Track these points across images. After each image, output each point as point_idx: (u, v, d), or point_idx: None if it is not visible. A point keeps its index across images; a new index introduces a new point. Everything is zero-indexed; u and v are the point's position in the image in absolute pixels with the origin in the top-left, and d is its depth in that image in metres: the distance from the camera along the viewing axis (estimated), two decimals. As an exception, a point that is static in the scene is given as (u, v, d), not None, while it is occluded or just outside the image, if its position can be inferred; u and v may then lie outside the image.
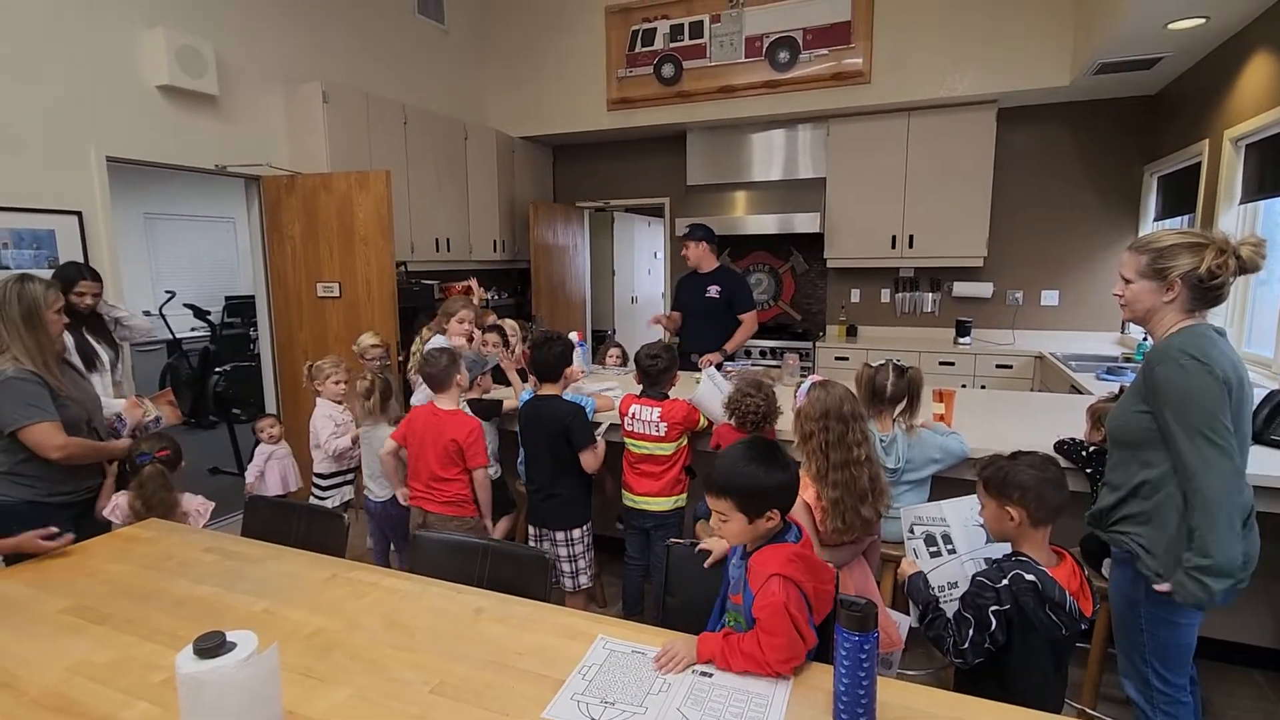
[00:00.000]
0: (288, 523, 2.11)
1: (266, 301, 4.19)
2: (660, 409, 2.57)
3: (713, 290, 3.92)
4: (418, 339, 3.47)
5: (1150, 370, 1.60)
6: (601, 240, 6.83)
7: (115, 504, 2.25)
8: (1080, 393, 3.43)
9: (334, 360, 3.11)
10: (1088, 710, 2.15)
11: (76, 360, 2.58)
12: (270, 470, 3.12)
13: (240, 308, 6.80)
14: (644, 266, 7.47)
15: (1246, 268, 1.56)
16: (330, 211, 3.94)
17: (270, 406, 4.29)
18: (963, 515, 1.86)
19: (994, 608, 1.46)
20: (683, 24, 5.16)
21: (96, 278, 2.87)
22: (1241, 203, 3.43)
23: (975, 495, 1.69)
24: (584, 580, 2.62)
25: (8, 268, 2.89)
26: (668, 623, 1.60)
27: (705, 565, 1.62)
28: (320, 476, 3.04)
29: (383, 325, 3.84)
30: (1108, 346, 4.64)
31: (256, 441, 3.22)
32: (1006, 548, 1.58)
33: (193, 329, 6.63)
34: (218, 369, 5.55)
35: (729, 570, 1.49)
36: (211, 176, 3.85)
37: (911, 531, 1.91)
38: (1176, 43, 3.55)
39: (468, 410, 2.68)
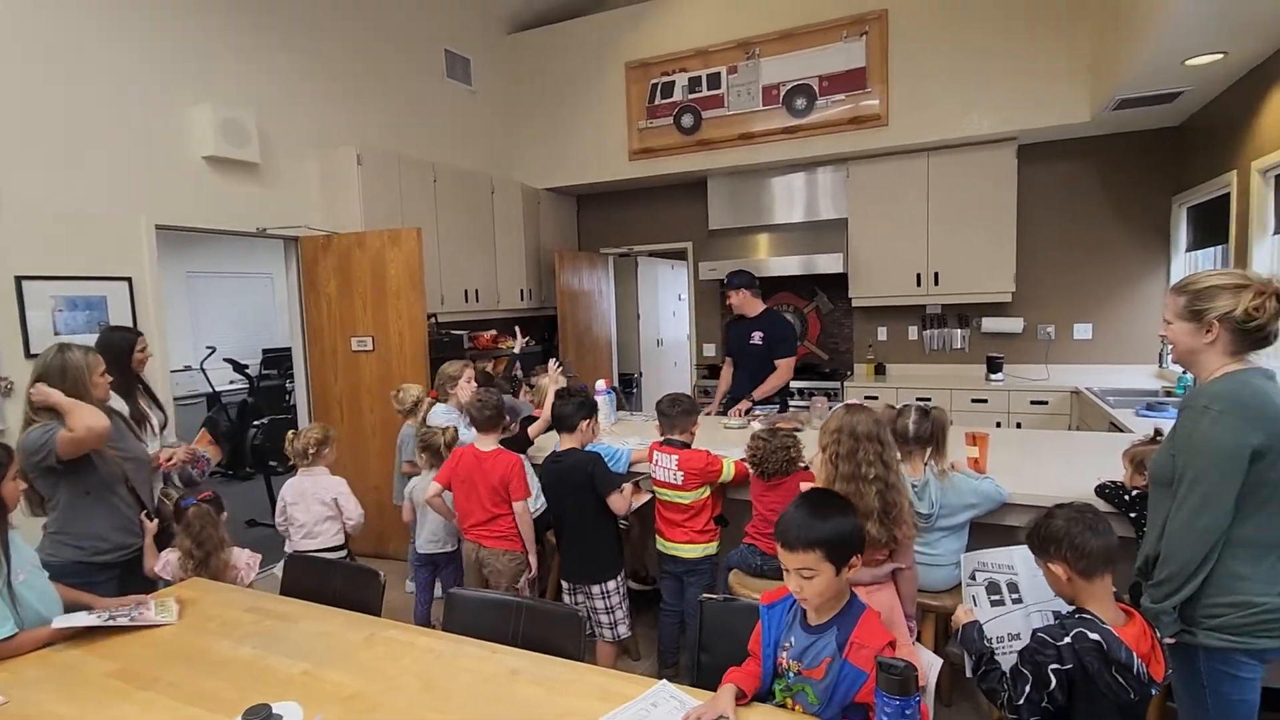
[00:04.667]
0: (326, 579, 2.14)
1: (303, 356, 4.32)
2: (678, 457, 2.57)
3: (756, 337, 3.92)
4: (413, 416, 3.38)
5: (1180, 413, 1.60)
6: (626, 285, 6.92)
7: (165, 560, 2.30)
8: (1120, 429, 3.35)
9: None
10: (1148, 770, 2.04)
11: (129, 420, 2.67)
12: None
13: (276, 359, 6.99)
14: (669, 309, 7.53)
15: None
16: (364, 268, 4.07)
17: (306, 459, 4.37)
18: (1033, 564, 1.81)
19: (1054, 666, 1.40)
20: (700, 76, 5.30)
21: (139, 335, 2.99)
22: (1276, 233, 3.37)
23: None
24: (623, 630, 2.60)
25: (59, 332, 3.03)
26: (702, 681, 1.58)
27: None
28: (328, 551, 2.83)
29: (415, 376, 3.91)
30: (1146, 380, 4.54)
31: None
32: None
33: (231, 381, 6.82)
34: (255, 422, 5.68)
35: (777, 638, 1.45)
36: (252, 237, 4.02)
37: (973, 578, 1.87)
38: (1196, 77, 3.55)
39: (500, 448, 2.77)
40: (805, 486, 2.01)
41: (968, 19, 4.50)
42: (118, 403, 2.52)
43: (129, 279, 3.34)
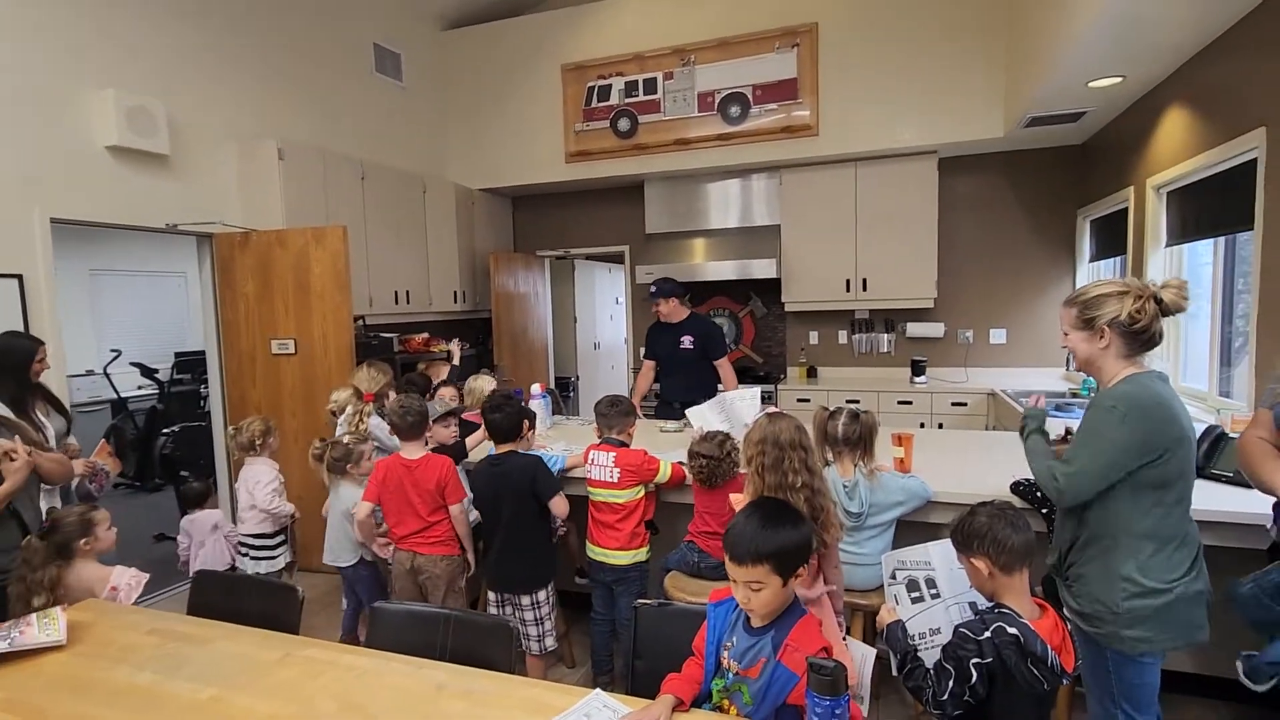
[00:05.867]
0: (238, 597, 2.01)
1: (218, 359, 4.08)
2: (615, 454, 2.57)
3: (686, 341, 3.97)
4: (348, 423, 3.32)
5: (1088, 409, 1.72)
6: (563, 288, 6.87)
7: None
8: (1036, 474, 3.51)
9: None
10: (1059, 752, 2.15)
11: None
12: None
13: (191, 364, 6.59)
14: (606, 313, 7.51)
15: (1168, 310, 1.66)
16: (285, 267, 3.88)
17: (220, 468, 4.13)
18: (949, 558, 1.86)
19: (975, 660, 1.45)
20: (637, 80, 5.32)
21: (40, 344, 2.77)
22: (1167, 245, 3.63)
23: None
24: (549, 643, 2.55)
25: (-62, 334, 2.76)
26: (637, 688, 1.57)
27: None
28: (263, 537, 2.94)
29: (341, 379, 3.74)
30: (1055, 382, 4.81)
31: (183, 512, 3.04)
32: None
33: (140, 387, 6.39)
34: (165, 430, 5.34)
35: (721, 635, 1.45)
36: (163, 233, 3.77)
37: (893, 577, 1.92)
38: (1098, 98, 3.80)
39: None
40: (735, 499, 2.03)
41: (893, 36, 4.68)
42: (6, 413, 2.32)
43: (19, 276, 3.07)
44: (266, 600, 1.97)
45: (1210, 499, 2.09)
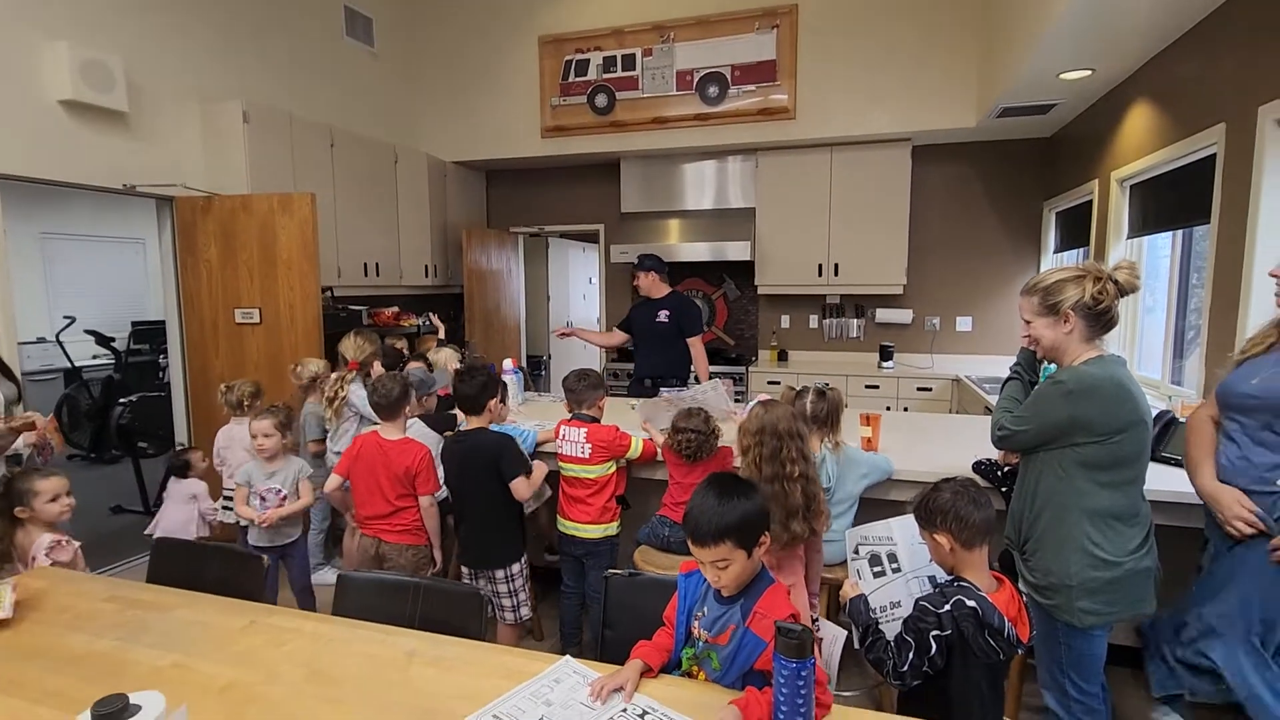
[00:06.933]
0: (200, 566, 1.97)
1: (179, 328, 3.96)
2: (586, 430, 2.58)
3: (663, 315, 4.01)
4: (314, 393, 3.34)
5: (1043, 383, 1.79)
6: (536, 266, 6.81)
7: None
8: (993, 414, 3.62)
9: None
10: (1010, 721, 2.23)
11: None
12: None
13: (149, 334, 6.40)
14: (579, 292, 7.47)
15: (1125, 290, 1.71)
16: (250, 234, 3.77)
17: (181, 439, 4.03)
18: (910, 532, 1.91)
19: (935, 632, 1.49)
20: (615, 56, 5.25)
21: None
22: (1129, 237, 3.74)
23: None
24: (525, 612, 2.55)
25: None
26: (607, 655, 1.58)
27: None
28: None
29: (309, 351, 3.68)
30: (1017, 369, 4.93)
31: (167, 476, 3.01)
32: None
33: (94, 356, 6.18)
34: (122, 400, 5.18)
35: (691, 605, 1.47)
36: (120, 196, 3.63)
37: (856, 552, 1.95)
38: (1068, 91, 3.87)
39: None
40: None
41: (871, 22, 4.69)
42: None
43: (-35, 234, 2.94)
44: (229, 568, 1.94)
45: (1159, 480, 2.17)
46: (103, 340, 5.92)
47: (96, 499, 4.60)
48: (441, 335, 4.36)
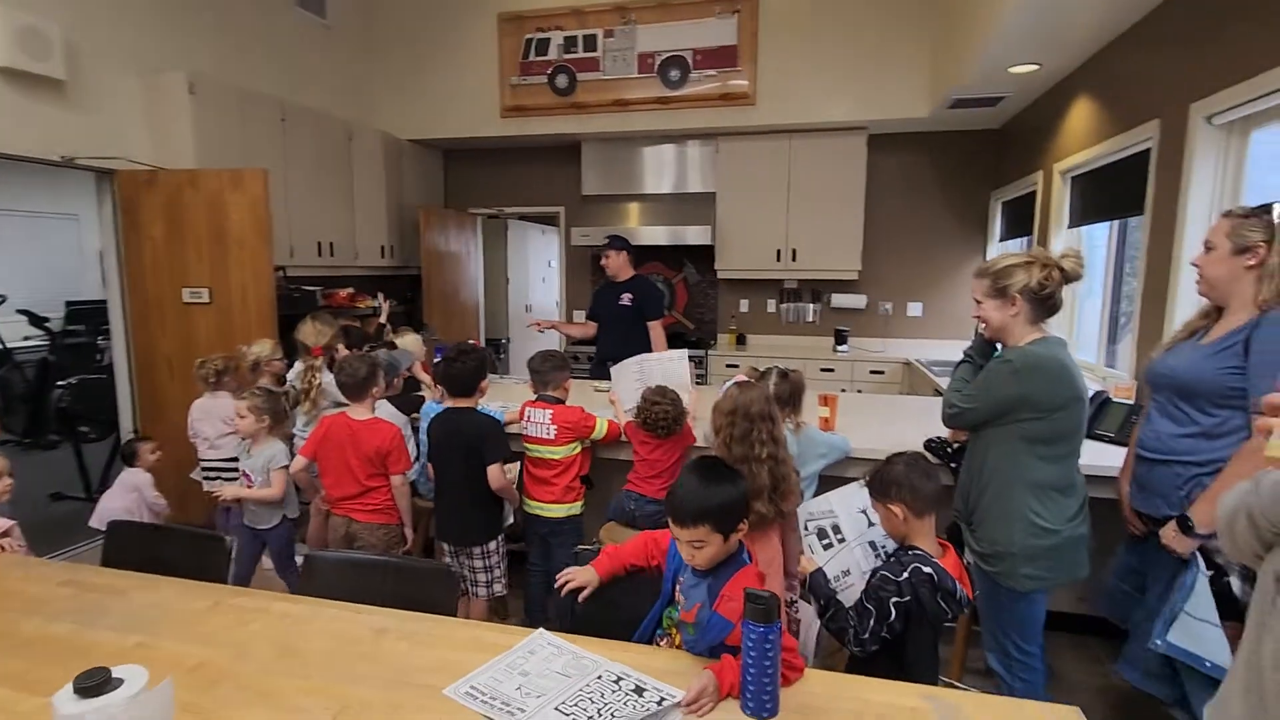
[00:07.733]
0: (157, 548, 1.93)
1: (122, 308, 3.81)
2: (552, 411, 2.60)
3: (625, 299, 4.03)
4: (300, 379, 3.26)
5: (990, 364, 1.90)
6: (495, 248, 6.73)
7: None
8: (942, 395, 3.77)
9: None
10: (955, 682, 2.37)
11: None
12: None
13: (86, 314, 6.11)
14: (538, 275, 7.42)
15: (1069, 277, 1.82)
16: (198, 211, 3.64)
17: (125, 423, 3.89)
18: (848, 503, 2.00)
19: (895, 599, 1.57)
20: (576, 36, 5.21)
21: None
22: (1070, 227, 3.92)
23: (856, 484, 1.86)
24: (499, 588, 2.58)
25: None
26: (578, 629, 1.62)
27: (579, 600, 1.59)
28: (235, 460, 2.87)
29: (262, 332, 3.58)
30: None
31: (111, 461, 2.92)
32: None
33: (26, 338, 5.88)
34: (60, 382, 4.95)
35: (677, 569, 1.51)
36: (52, 169, 3.46)
37: (805, 528, 2.03)
38: (1016, 84, 4.01)
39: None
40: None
41: (830, 11, 4.77)
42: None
43: (-114, 206, 2.76)
44: (190, 551, 1.90)
45: (1093, 456, 2.32)
46: (36, 320, 5.63)
47: (35, 485, 4.41)
48: (383, 319, 4.26)
